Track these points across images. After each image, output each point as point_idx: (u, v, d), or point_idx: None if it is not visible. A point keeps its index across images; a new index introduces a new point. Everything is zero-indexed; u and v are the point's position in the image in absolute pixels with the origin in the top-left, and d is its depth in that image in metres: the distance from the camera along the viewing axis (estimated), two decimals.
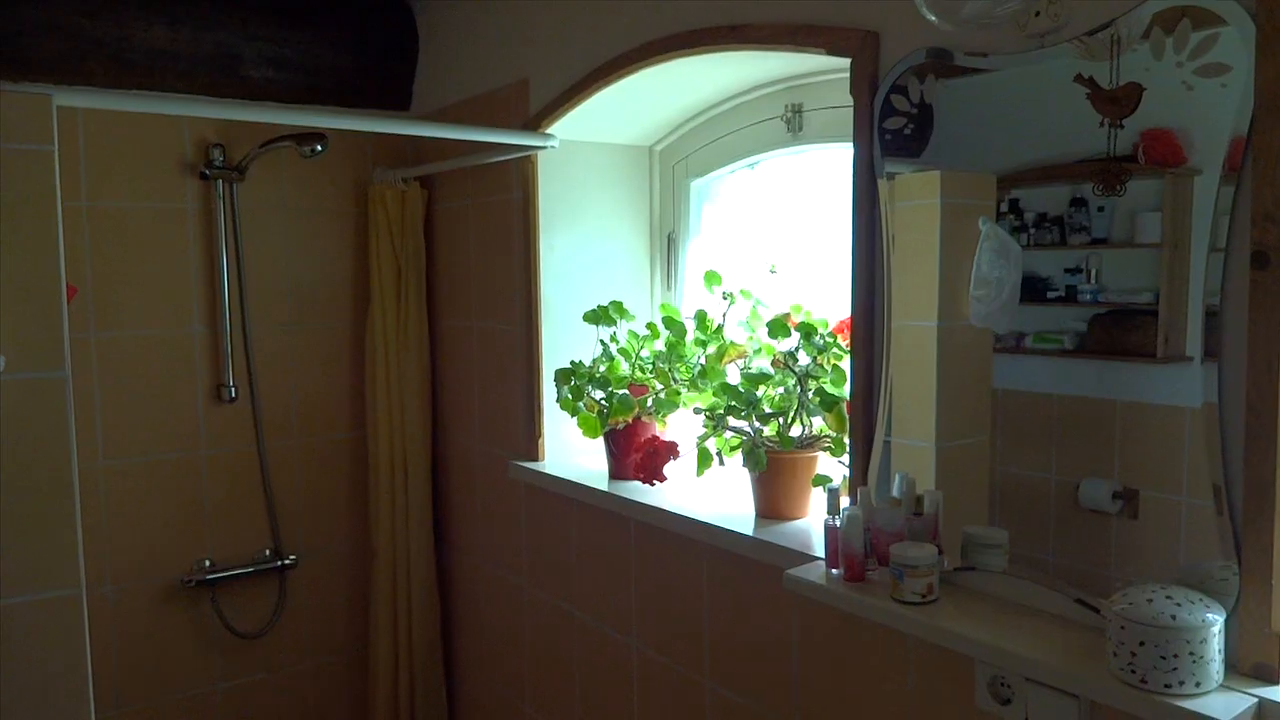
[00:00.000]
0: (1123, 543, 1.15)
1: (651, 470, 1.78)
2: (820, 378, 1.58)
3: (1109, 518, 1.17)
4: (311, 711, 2.63)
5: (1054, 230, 1.22)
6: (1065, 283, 1.21)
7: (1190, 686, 0.96)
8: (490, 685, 2.47)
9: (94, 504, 2.27)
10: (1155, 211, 1.12)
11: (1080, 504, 1.20)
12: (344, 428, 2.62)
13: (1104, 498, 1.17)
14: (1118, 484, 1.16)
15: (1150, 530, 1.12)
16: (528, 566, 2.25)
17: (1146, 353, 1.13)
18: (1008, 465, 1.28)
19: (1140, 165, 1.10)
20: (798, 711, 1.54)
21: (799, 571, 1.37)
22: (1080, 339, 1.20)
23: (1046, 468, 1.24)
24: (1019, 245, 1.24)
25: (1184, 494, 1.09)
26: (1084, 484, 1.19)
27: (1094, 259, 1.19)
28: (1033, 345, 1.25)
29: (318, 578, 2.61)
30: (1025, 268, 1.23)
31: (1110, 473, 1.16)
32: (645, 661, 1.87)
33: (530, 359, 2.17)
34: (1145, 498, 1.13)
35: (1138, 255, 1.15)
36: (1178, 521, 1.09)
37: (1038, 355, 1.25)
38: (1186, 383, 1.08)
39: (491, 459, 2.37)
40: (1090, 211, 1.18)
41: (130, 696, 2.37)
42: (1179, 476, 1.09)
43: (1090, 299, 1.19)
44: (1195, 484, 1.08)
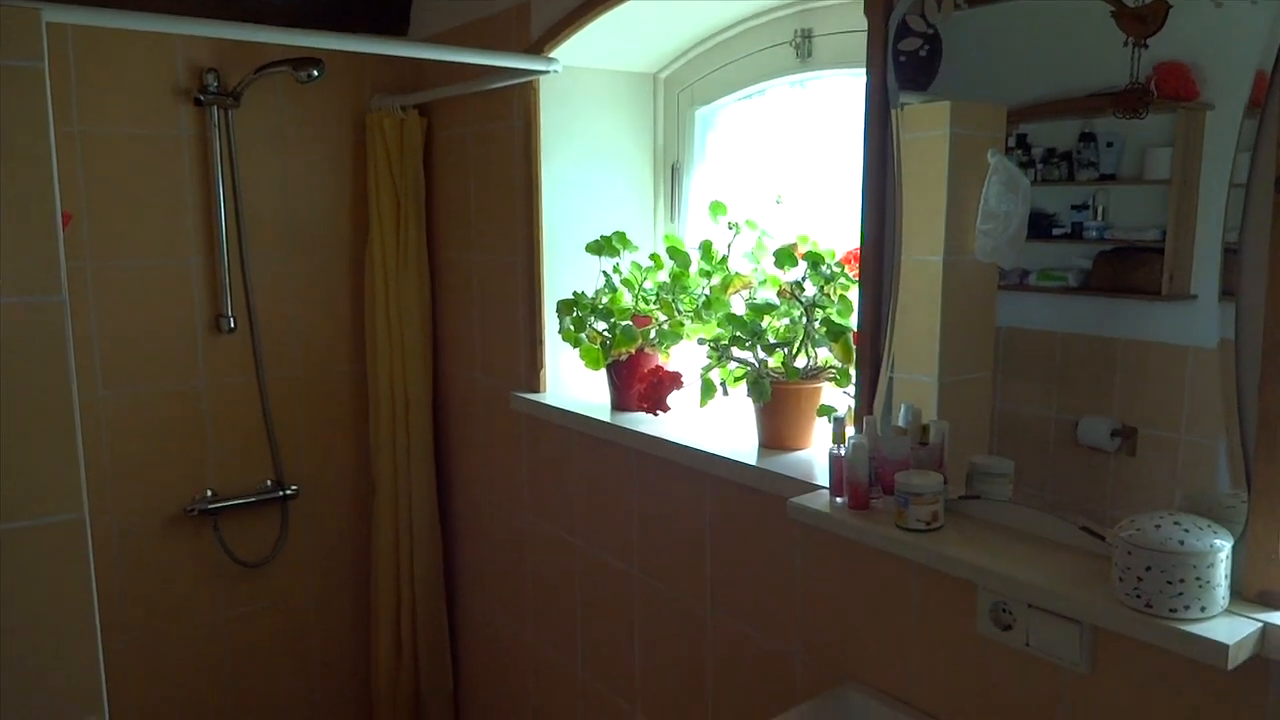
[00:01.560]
0: (1120, 480, 1.16)
1: (655, 400, 1.77)
2: (827, 308, 1.57)
3: (1107, 455, 1.17)
4: (315, 640, 2.66)
5: (1062, 166, 1.21)
6: (1071, 219, 1.20)
7: (1195, 611, 0.96)
8: (492, 615, 2.50)
9: (94, 434, 2.27)
10: (1165, 147, 1.11)
11: (1079, 441, 1.20)
12: (344, 359, 2.61)
13: (1102, 435, 1.17)
14: (1116, 422, 1.16)
15: (1147, 467, 1.13)
16: (529, 497, 2.26)
17: (1151, 290, 1.12)
18: (1008, 403, 1.28)
19: (1153, 98, 1.08)
20: (799, 639, 1.56)
21: (803, 500, 1.37)
22: (1084, 276, 1.19)
23: (1046, 405, 1.24)
24: (1027, 179, 1.23)
25: (1182, 431, 1.10)
26: (1083, 421, 1.19)
27: (1101, 195, 1.18)
28: (1036, 283, 1.24)
29: (319, 508, 2.62)
30: (1031, 204, 1.22)
31: (1109, 410, 1.17)
32: (646, 590, 1.89)
33: (531, 290, 2.16)
34: (1143, 435, 1.14)
35: (1146, 192, 1.14)
36: (1175, 459, 1.10)
37: (1041, 293, 1.24)
38: (1189, 321, 1.08)
39: (493, 391, 2.36)
40: (1099, 147, 1.17)
41: (136, 624, 2.39)
42: (1178, 414, 1.09)
43: (1096, 236, 1.18)
44: (1194, 422, 1.08)
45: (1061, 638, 1.16)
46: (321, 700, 2.69)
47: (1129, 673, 1.11)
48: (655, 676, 1.90)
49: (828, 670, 1.51)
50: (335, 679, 2.71)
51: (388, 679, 2.62)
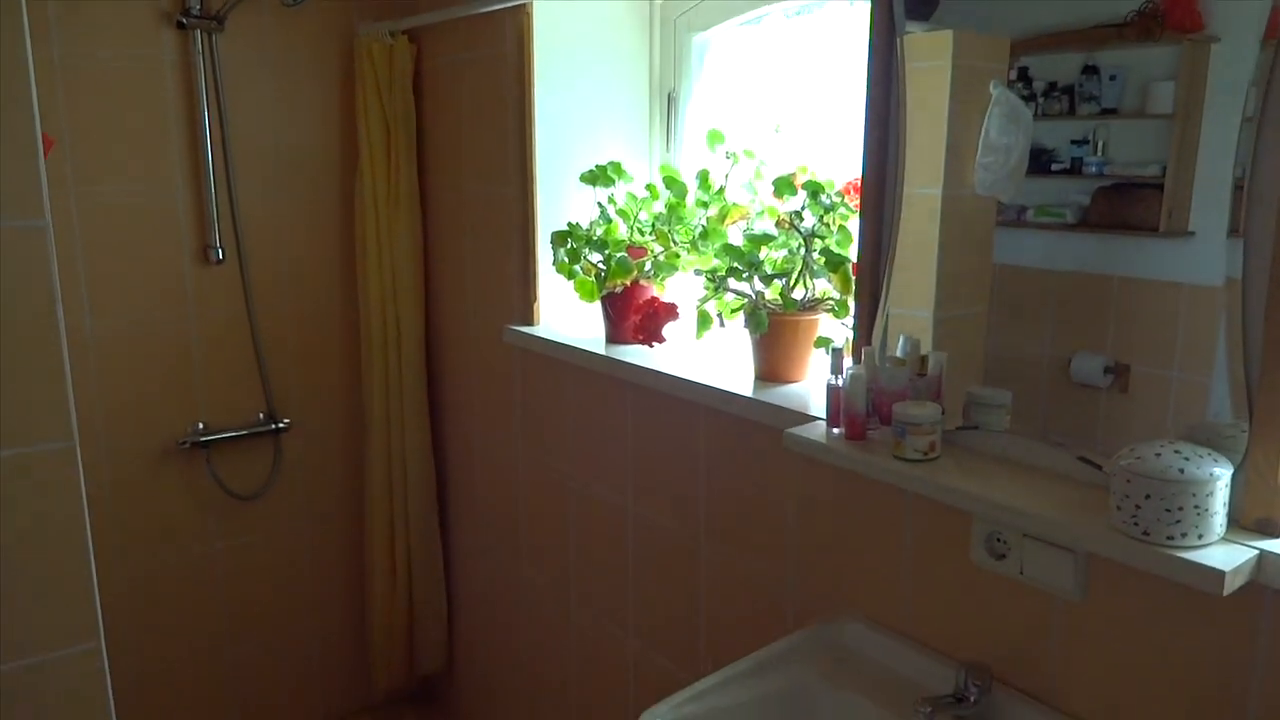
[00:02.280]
0: (1111, 416, 1.16)
1: (650, 332, 1.76)
2: (825, 238, 1.55)
3: (1099, 392, 1.17)
4: (309, 572, 2.68)
5: (1063, 100, 1.19)
6: (1071, 155, 1.19)
7: (1193, 539, 0.96)
8: (486, 548, 2.52)
9: (84, 366, 2.25)
10: (1168, 81, 1.09)
11: (1072, 378, 1.20)
12: (334, 291, 2.58)
13: (1095, 372, 1.17)
14: (1110, 359, 1.16)
15: (1139, 404, 1.13)
16: (522, 431, 2.26)
17: (1148, 227, 1.12)
18: (1001, 340, 1.28)
19: (1163, 25, 1.06)
20: (792, 569, 1.57)
21: (799, 431, 1.36)
22: (1082, 213, 1.18)
23: (1040, 343, 1.24)
24: (1029, 112, 1.21)
25: (1175, 369, 1.10)
26: (1076, 358, 1.19)
27: (1102, 130, 1.16)
28: (1034, 219, 1.23)
29: (312, 442, 2.62)
30: (1032, 139, 1.20)
31: (1103, 348, 1.16)
32: (640, 522, 1.90)
33: (525, 221, 2.12)
34: (1136, 372, 1.13)
35: (1147, 126, 1.12)
36: (1167, 395, 1.10)
37: (1038, 229, 1.23)
38: (1186, 258, 1.08)
39: (485, 324, 2.34)
40: (1102, 80, 1.15)
41: (131, 555, 2.40)
42: (1171, 351, 1.10)
43: (1096, 171, 1.17)
44: (1186, 359, 1.08)
45: (1055, 566, 1.17)
46: (316, 631, 2.72)
47: (1121, 601, 1.12)
48: (649, 607, 1.92)
49: (821, 600, 1.52)
50: (330, 611, 2.73)
51: (382, 610, 2.65)
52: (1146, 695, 1.12)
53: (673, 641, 1.86)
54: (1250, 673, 1.02)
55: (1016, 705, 1.22)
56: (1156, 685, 1.11)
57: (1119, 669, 1.14)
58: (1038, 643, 1.22)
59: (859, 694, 1.32)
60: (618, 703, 2.06)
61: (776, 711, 1.33)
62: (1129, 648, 1.12)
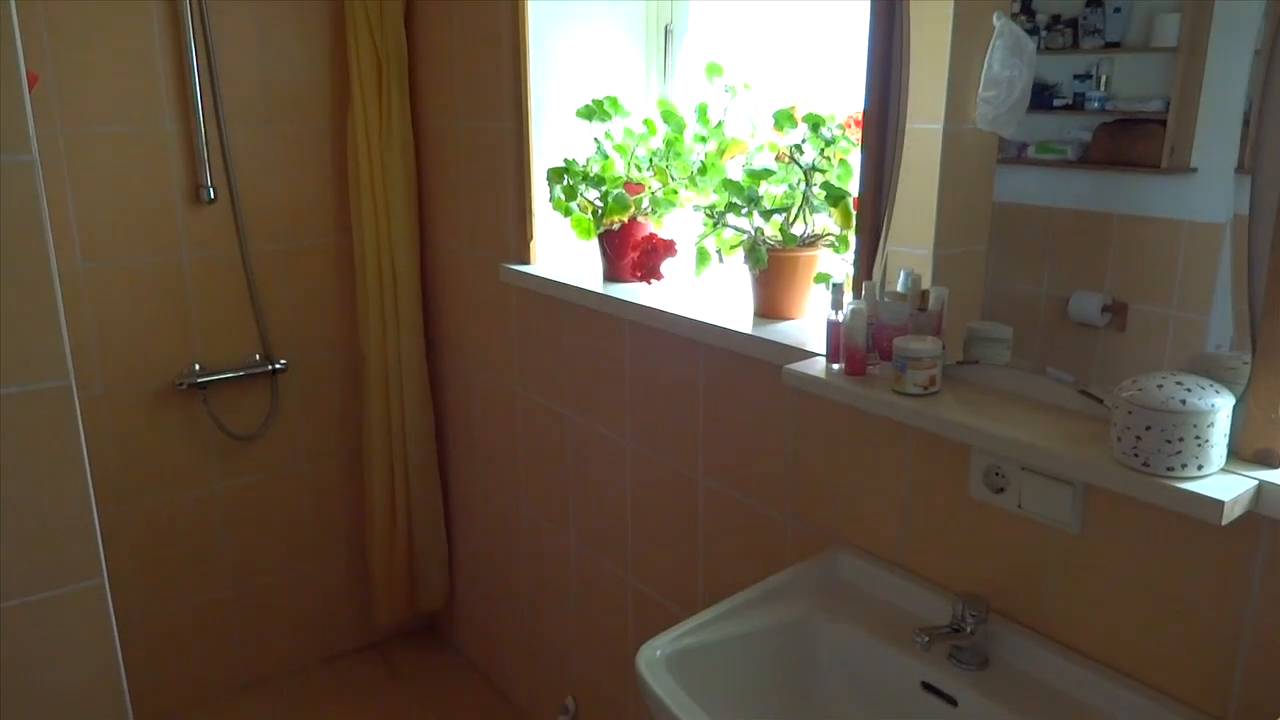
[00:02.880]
0: (1107, 356, 1.15)
1: (648, 269, 1.74)
2: (826, 172, 1.53)
3: (1096, 331, 1.17)
4: (309, 512, 2.69)
5: (1066, 33, 1.17)
6: (1073, 90, 1.17)
7: (1193, 469, 0.97)
8: (485, 486, 2.53)
9: (77, 308, 2.23)
10: (1174, 13, 1.07)
11: (1069, 317, 1.19)
12: (328, 232, 2.55)
13: (1093, 311, 1.16)
14: (1108, 297, 1.15)
15: (1136, 343, 1.12)
16: (520, 370, 2.25)
17: (1150, 164, 1.10)
18: (999, 279, 1.27)
19: None
20: (791, 505, 1.58)
21: (799, 366, 1.36)
22: (1084, 149, 1.16)
23: (1038, 282, 1.23)
24: (1033, 44, 1.18)
25: (1173, 307, 1.09)
26: (1074, 297, 1.18)
27: (1105, 64, 1.14)
28: (1034, 156, 1.22)
29: (309, 382, 2.61)
30: (1034, 74, 1.18)
31: (1101, 286, 1.16)
32: (639, 460, 1.90)
33: (520, 158, 2.09)
34: (1134, 311, 1.13)
35: (1151, 60, 1.10)
36: (1164, 334, 1.09)
37: (1039, 166, 1.21)
38: (1188, 195, 1.06)
39: (481, 263, 2.32)
40: (1106, 13, 1.13)
41: (132, 496, 2.41)
42: (1169, 290, 1.09)
43: (1098, 107, 1.15)
44: (1185, 297, 1.07)
45: (1053, 499, 1.17)
46: (318, 569, 2.74)
47: (1118, 533, 1.13)
48: (647, 543, 1.93)
49: (819, 535, 1.53)
50: (331, 549, 2.76)
51: (382, 549, 2.67)
52: (1142, 625, 1.13)
53: (671, 578, 1.88)
54: (1245, 603, 1.03)
55: (1013, 636, 1.24)
56: (1152, 616, 1.12)
57: (1115, 600, 1.15)
58: (1035, 575, 1.23)
59: (857, 626, 1.33)
60: (616, 638, 2.09)
61: (775, 643, 1.34)
62: (1125, 579, 1.14)
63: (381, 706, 2.61)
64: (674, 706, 1.16)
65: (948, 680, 1.22)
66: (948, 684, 1.22)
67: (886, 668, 1.29)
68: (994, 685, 1.20)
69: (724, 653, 1.30)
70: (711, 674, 1.27)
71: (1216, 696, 1.08)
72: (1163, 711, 1.09)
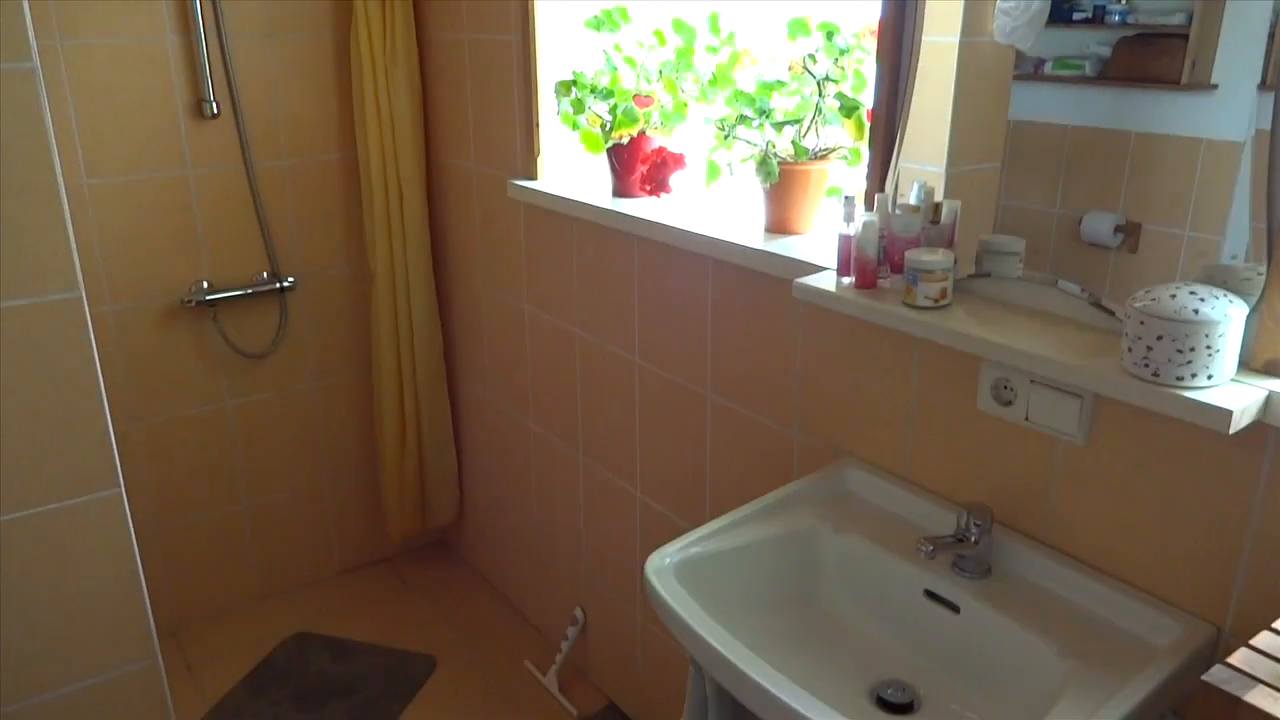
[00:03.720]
0: (1118, 277, 1.14)
1: (658, 182, 1.73)
2: (840, 81, 1.50)
3: (1108, 252, 1.16)
4: (320, 429, 2.72)
5: None
6: (1093, 3, 1.13)
7: (1203, 379, 0.97)
8: (494, 403, 2.55)
9: (83, 224, 2.23)
10: None
11: (1081, 238, 1.18)
12: (333, 148, 2.53)
13: (1106, 231, 1.15)
14: (1121, 218, 1.13)
15: (1148, 264, 1.11)
16: (528, 286, 2.25)
17: (1170, 80, 1.07)
18: (1012, 198, 1.25)
19: None
20: (797, 419, 1.59)
21: (809, 280, 1.35)
22: (1102, 65, 1.13)
23: (1051, 202, 1.21)
24: None
25: (1186, 228, 1.07)
26: (1087, 217, 1.17)
27: None
28: (1052, 71, 1.19)
29: (318, 300, 2.62)
30: None
31: (1114, 206, 1.14)
32: (647, 376, 1.91)
33: (527, 71, 2.06)
34: (1147, 231, 1.11)
35: None
36: (1177, 255, 1.08)
37: (1055, 83, 1.18)
38: (1207, 112, 1.04)
39: (488, 179, 2.30)
40: None
41: (144, 411, 2.43)
42: (1184, 210, 1.07)
43: (1119, 20, 1.12)
44: (1199, 217, 1.06)
45: (1061, 411, 1.18)
46: (331, 485, 2.78)
47: (1125, 444, 1.14)
48: (656, 459, 1.95)
49: (826, 449, 1.55)
50: (343, 465, 2.79)
51: (392, 466, 2.70)
52: (1144, 535, 1.15)
53: (679, 493, 1.91)
54: (1249, 512, 1.04)
55: (1017, 546, 1.26)
56: (1155, 526, 1.13)
57: (1119, 511, 1.17)
58: (1040, 487, 1.25)
59: (862, 536, 1.35)
60: (625, 552, 2.12)
61: (781, 553, 1.37)
62: (1130, 490, 1.15)
63: (395, 618, 2.68)
64: (681, 612, 1.18)
65: (950, 588, 1.25)
66: (950, 592, 1.24)
67: (890, 576, 1.31)
68: (996, 593, 1.22)
69: (731, 562, 1.33)
70: (718, 582, 1.30)
71: (1216, 604, 1.10)
72: (1163, 618, 1.11)
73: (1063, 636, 1.13)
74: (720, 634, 1.14)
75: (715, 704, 1.27)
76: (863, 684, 1.24)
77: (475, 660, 2.51)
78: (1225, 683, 0.76)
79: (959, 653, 1.23)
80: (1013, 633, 1.17)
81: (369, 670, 2.46)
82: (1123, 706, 1.00)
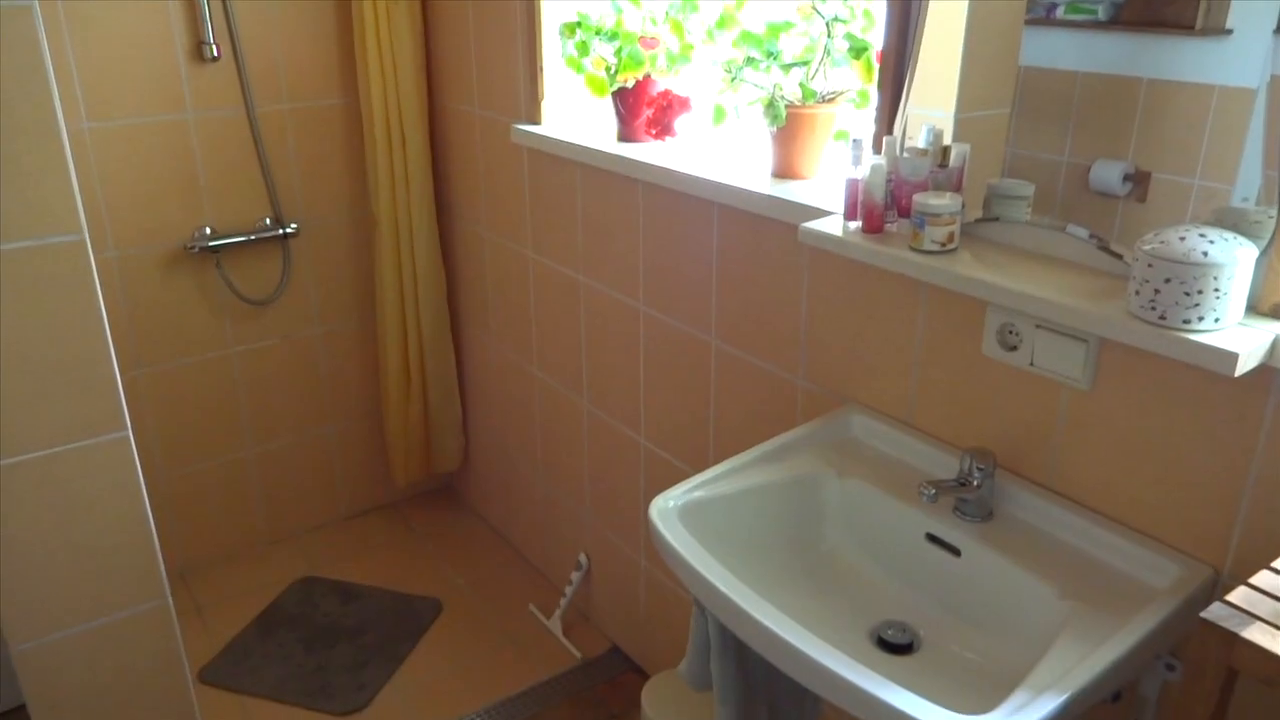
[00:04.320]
0: (1127, 226, 1.13)
1: (663, 125, 1.71)
2: (849, 22, 1.47)
3: (1116, 201, 1.14)
4: (325, 375, 2.73)
5: None
6: None
7: (1209, 322, 0.96)
8: (498, 350, 2.55)
9: (85, 168, 2.21)
10: None
11: (1089, 187, 1.16)
12: (335, 92, 2.50)
13: (1114, 180, 1.14)
14: (1130, 166, 1.12)
15: (1157, 213, 1.10)
16: (532, 233, 2.24)
17: (1184, 25, 1.05)
18: (1021, 146, 1.24)
19: None
20: (802, 366, 1.59)
21: (815, 224, 1.34)
22: (1115, 10, 1.11)
23: (1060, 149, 1.20)
24: None
25: (1196, 176, 1.06)
26: (1096, 166, 1.15)
27: None
28: (1064, 16, 1.16)
29: (321, 246, 2.61)
30: None
31: (1124, 154, 1.12)
32: (651, 323, 1.91)
33: (531, 12, 2.02)
34: (1156, 180, 1.10)
35: None
36: (1186, 204, 1.07)
37: (1068, 28, 1.16)
38: (1221, 58, 1.02)
39: (492, 124, 2.28)
40: None
41: (150, 358, 2.44)
42: (1195, 158, 1.06)
43: None
44: (1210, 165, 1.04)
45: (1066, 356, 1.18)
46: (336, 431, 2.80)
47: (1129, 388, 1.14)
48: (660, 405, 1.96)
49: (830, 396, 1.55)
50: (349, 411, 2.80)
51: (397, 413, 2.72)
52: (1146, 479, 1.15)
53: (683, 440, 1.92)
54: (1251, 455, 1.04)
55: (1019, 490, 1.26)
56: (1157, 470, 1.14)
57: (1121, 455, 1.17)
58: (1043, 432, 1.25)
59: (865, 481, 1.36)
60: (629, 498, 2.14)
61: (784, 497, 1.37)
62: (1133, 434, 1.15)
63: (401, 562, 2.71)
64: (685, 553, 1.20)
65: (952, 532, 1.26)
66: (952, 535, 1.25)
67: (892, 520, 1.32)
68: (997, 536, 1.23)
69: (734, 505, 1.34)
70: (721, 525, 1.31)
71: (1216, 547, 1.10)
72: (1162, 561, 1.12)
73: (1062, 579, 1.14)
74: (723, 574, 1.15)
75: (718, 645, 1.29)
76: (864, 625, 1.26)
77: (480, 604, 2.54)
78: (1224, 619, 0.77)
79: (959, 595, 1.24)
80: (1013, 575, 1.18)
81: (376, 613, 2.49)
82: (1120, 646, 1.01)
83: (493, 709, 2.18)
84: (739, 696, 1.33)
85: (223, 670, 2.30)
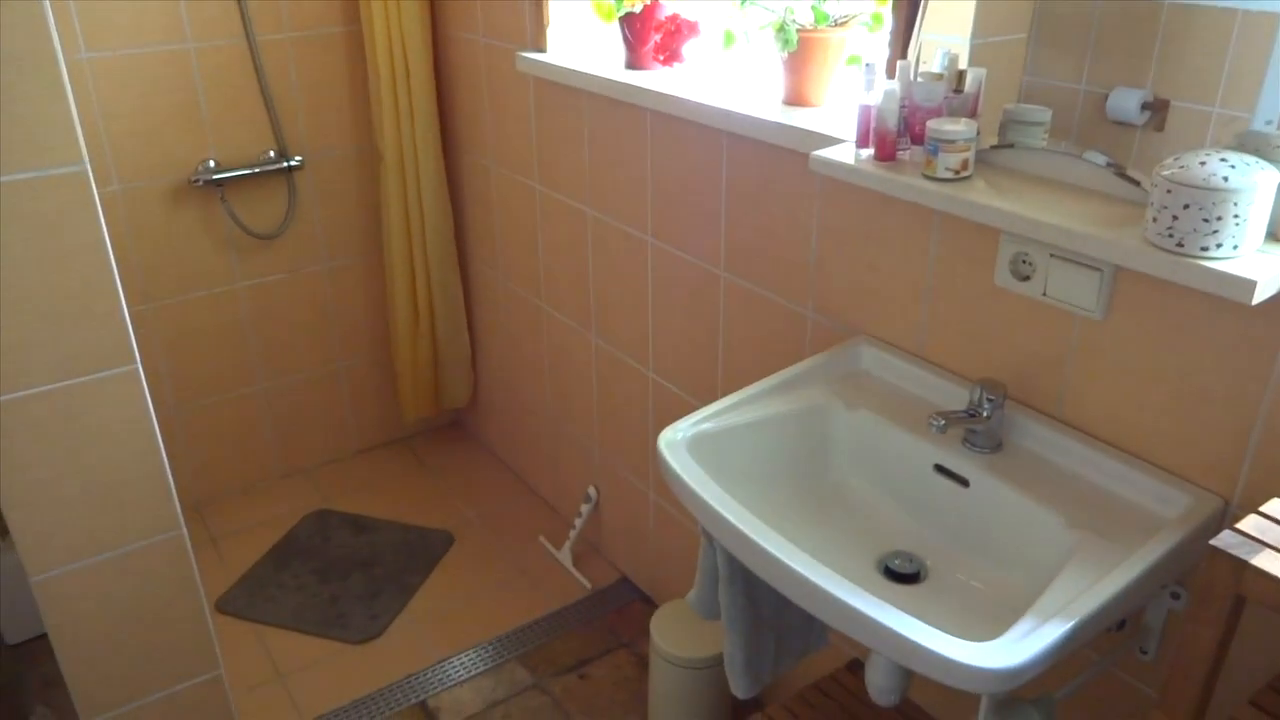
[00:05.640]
0: (1143, 156, 1.10)
1: (671, 51, 1.67)
2: None
3: (1134, 130, 1.11)
4: (332, 308, 2.72)
5: None
6: None
7: (1228, 250, 0.94)
8: (506, 284, 2.54)
9: (85, 100, 2.18)
10: None
11: (1107, 115, 1.13)
12: (337, 20, 2.45)
13: (1132, 108, 1.10)
14: (1149, 94, 1.08)
15: (1174, 142, 1.07)
16: (539, 165, 2.21)
17: None
18: (1037, 74, 1.20)
19: None
20: (812, 297, 1.57)
21: (826, 152, 1.32)
22: None
23: (1077, 77, 1.16)
24: None
25: (1216, 104, 1.03)
26: (1113, 94, 1.12)
27: None
28: None
29: (326, 180, 2.58)
30: None
31: (1143, 82, 1.09)
32: (660, 255, 1.89)
33: None
34: (1175, 109, 1.07)
35: None
36: (1205, 133, 1.04)
37: None
38: None
39: (496, 52, 2.23)
40: None
41: (156, 292, 2.44)
42: (1215, 85, 1.02)
43: None
44: (1230, 93, 1.01)
45: (1080, 285, 1.16)
46: (345, 366, 2.81)
47: (1143, 318, 1.12)
48: (668, 338, 1.95)
49: (840, 328, 1.54)
50: (357, 347, 2.81)
51: (406, 349, 2.72)
52: (1158, 410, 1.14)
53: (691, 373, 1.91)
54: (1265, 386, 1.03)
55: (1029, 421, 1.26)
56: (1169, 400, 1.13)
57: (1133, 385, 1.16)
58: (1054, 362, 1.24)
59: (873, 412, 1.36)
60: (637, 431, 2.14)
61: (792, 428, 1.37)
62: (1145, 364, 1.14)
63: (413, 496, 2.74)
64: (693, 483, 1.20)
65: (960, 462, 1.25)
66: (960, 466, 1.25)
67: (901, 451, 1.32)
68: (1006, 467, 1.23)
69: (743, 437, 1.34)
70: (730, 456, 1.31)
71: (1225, 478, 1.10)
72: (1172, 491, 1.12)
73: (1071, 509, 1.14)
74: (731, 504, 1.15)
75: (725, 575, 1.30)
76: (871, 555, 1.26)
77: (491, 536, 2.57)
78: (1233, 547, 0.76)
79: (967, 525, 1.24)
80: (1021, 505, 1.18)
81: (389, 545, 2.52)
82: (1128, 575, 1.01)
83: (504, 638, 2.22)
84: (747, 625, 1.34)
85: (239, 600, 2.34)
